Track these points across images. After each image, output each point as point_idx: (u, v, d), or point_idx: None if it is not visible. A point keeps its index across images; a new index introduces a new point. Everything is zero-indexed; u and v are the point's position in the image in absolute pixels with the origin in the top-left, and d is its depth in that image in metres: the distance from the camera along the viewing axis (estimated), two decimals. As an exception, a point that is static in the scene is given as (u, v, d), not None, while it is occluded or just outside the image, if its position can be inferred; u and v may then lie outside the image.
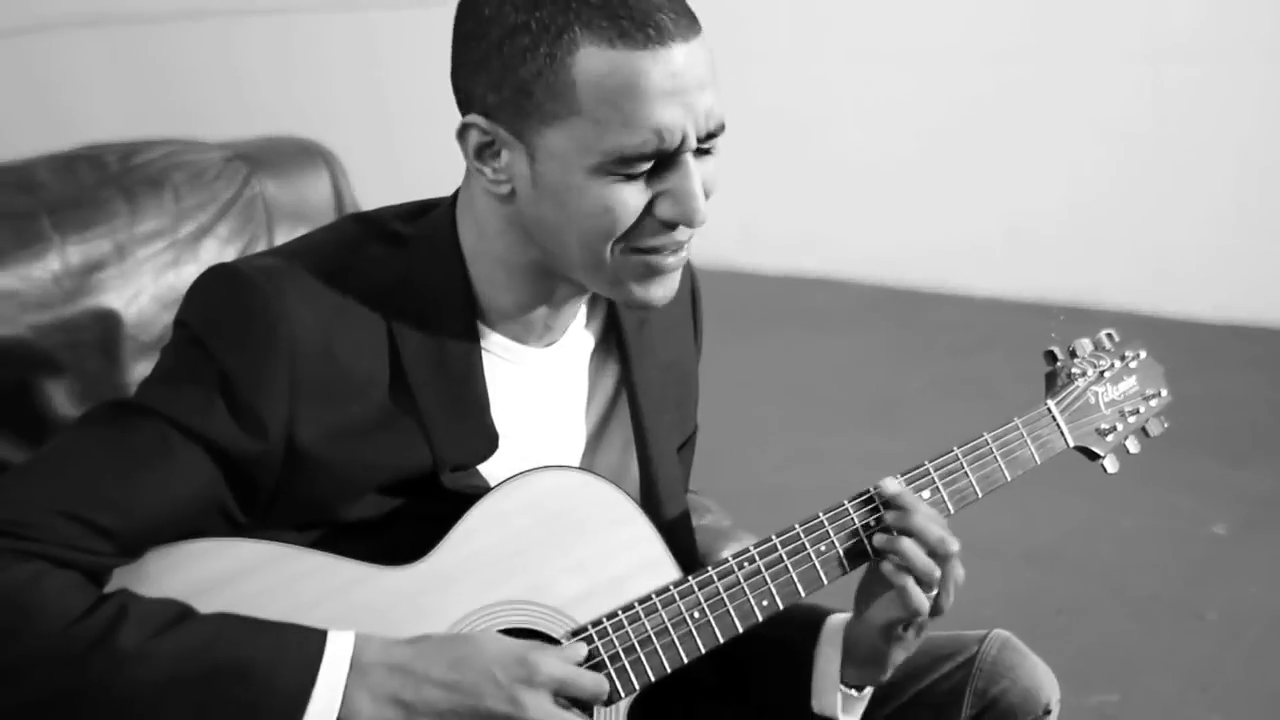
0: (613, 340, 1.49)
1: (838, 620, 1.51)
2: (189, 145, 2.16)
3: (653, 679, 1.33)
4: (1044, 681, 1.57)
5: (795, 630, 1.53)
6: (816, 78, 5.00)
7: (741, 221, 5.22)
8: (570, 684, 1.25)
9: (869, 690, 1.53)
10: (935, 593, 1.41)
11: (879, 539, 1.41)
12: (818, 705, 1.51)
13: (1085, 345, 1.60)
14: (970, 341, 4.40)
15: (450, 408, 1.33)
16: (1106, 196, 4.63)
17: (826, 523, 1.42)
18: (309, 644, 1.19)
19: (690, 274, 1.61)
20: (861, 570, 1.46)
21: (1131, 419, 1.60)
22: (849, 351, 4.48)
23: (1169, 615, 2.92)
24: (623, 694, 1.31)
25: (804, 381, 4.21)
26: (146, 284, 1.95)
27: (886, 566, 1.40)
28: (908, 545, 1.39)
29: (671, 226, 1.28)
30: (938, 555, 1.39)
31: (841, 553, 1.41)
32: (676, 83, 1.23)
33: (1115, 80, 4.52)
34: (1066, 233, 4.71)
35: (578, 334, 1.46)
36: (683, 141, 1.25)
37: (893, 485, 1.42)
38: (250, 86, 6.14)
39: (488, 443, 1.36)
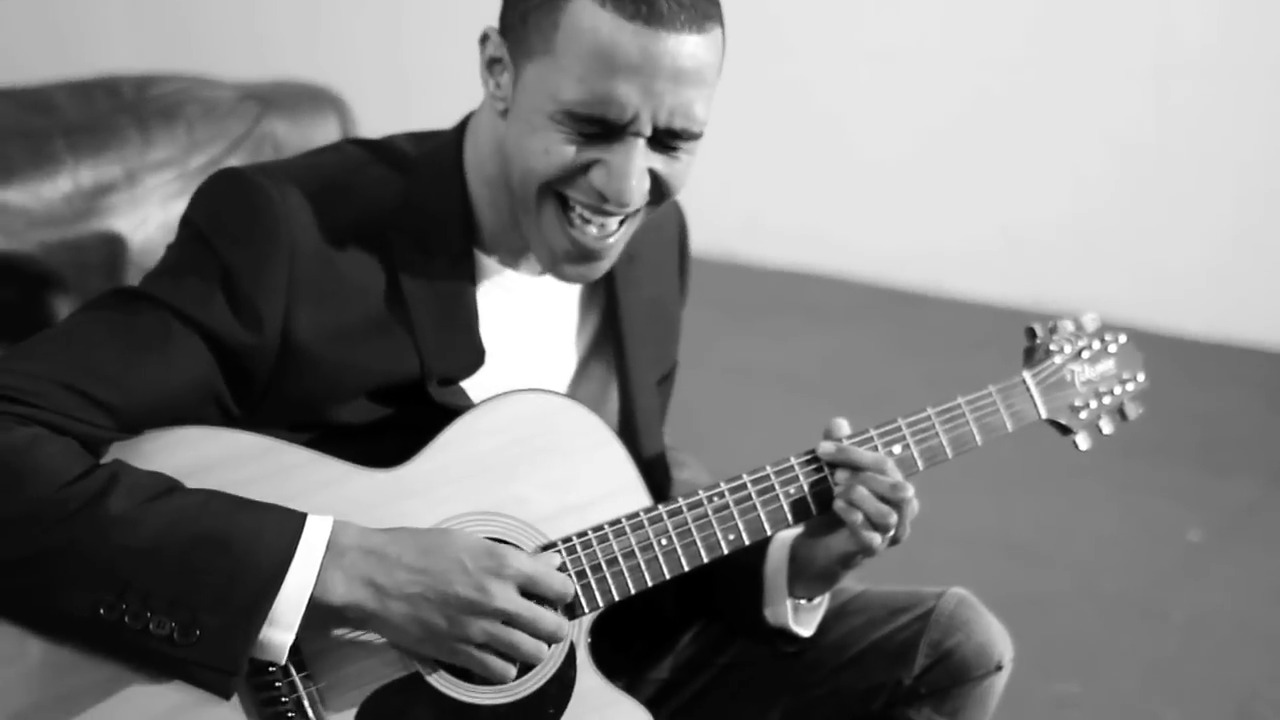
0: (598, 286, 1.54)
1: (784, 536, 1.57)
2: (205, 82, 2.21)
3: (616, 598, 1.37)
4: (997, 639, 1.62)
5: (745, 554, 1.58)
6: (830, 75, 5.05)
7: (747, 213, 5.26)
8: (538, 581, 1.29)
9: (822, 600, 1.58)
10: (891, 533, 1.47)
11: (837, 489, 1.46)
12: (772, 617, 1.57)
13: (1067, 325, 1.66)
14: (964, 343, 4.44)
15: (440, 322, 1.39)
16: (1106, 208, 4.67)
17: (797, 467, 1.47)
18: (289, 523, 1.23)
19: (680, 219, 1.67)
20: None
21: (1106, 400, 1.65)
22: (845, 347, 4.52)
23: (1135, 614, 2.97)
24: (586, 609, 1.36)
25: (799, 373, 4.26)
26: (154, 211, 2.01)
27: (839, 505, 1.46)
28: (861, 493, 1.44)
29: (601, 199, 1.33)
30: (891, 501, 1.44)
31: (809, 495, 1.46)
32: (648, 65, 1.28)
33: (1122, 92, 4.56)
34: (1064, 241, 4.75)
35: None
36: (633, 121, 1.30)
37: (828, 447, 1.47)
38: (270, 38, 6.19)
39: (474, 358, 1.41)
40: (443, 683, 1.33)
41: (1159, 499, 3.46)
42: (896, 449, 1.51)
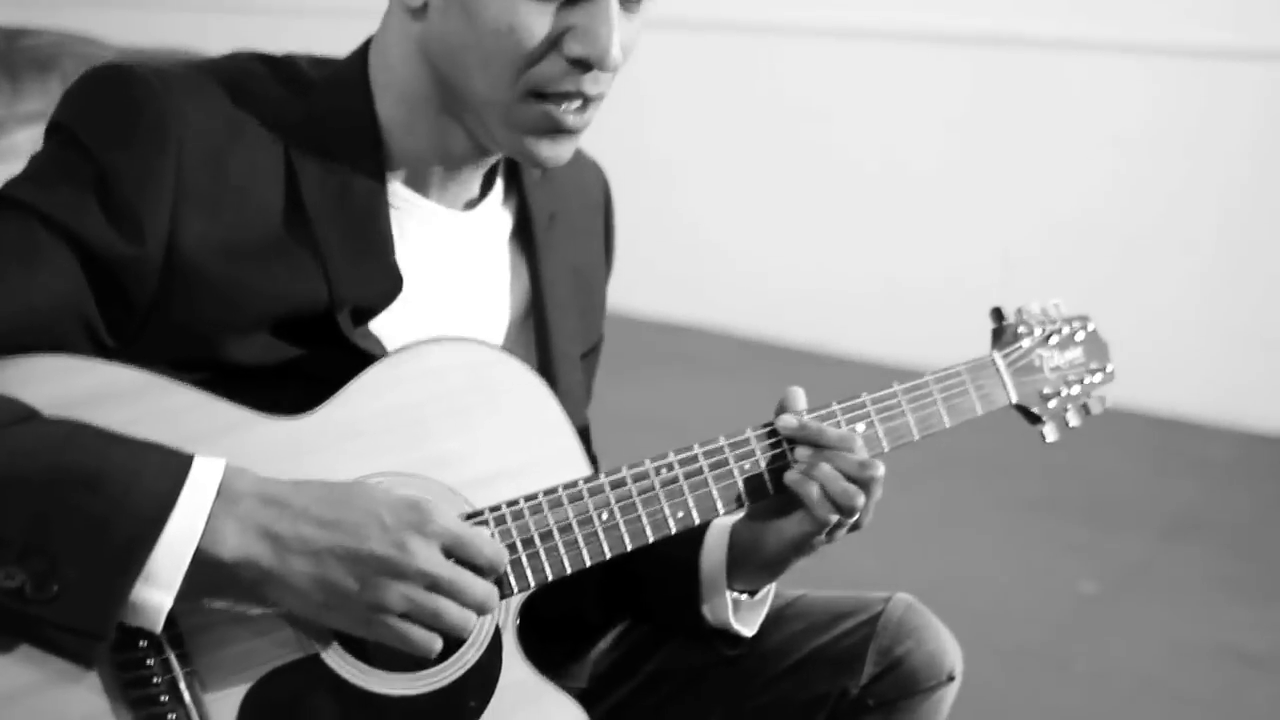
0: (525, 240, 1.39)
1: (720, 525, 1.42)
2: (82, 39, 2.03)
3: (549, 577, 1.20)
4: (949, 647, 1.49)
5: (677, 545, 1.42)
6: (714, 133, 5.00)
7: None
8: (466, 543, 1.10)
9: (765, 595, 1.42)
10: (854, 517, 1.32)
11: (799, 467, 1.32)
12: (710, 614, 1.41)
13: (1033, 308, 1.55)
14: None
15: (350, 243, 1.21)
16: (990, 270, 4.68)
17: (754, 440, 1.32)
18: (172, 463, 1.03)
19: (604, 185, 1.53)
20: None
21: (1075, 388, 1.55)
22: (723, 398, 4.42)
23: (1038, 666, 2.88)
24: (515, 588, 1.18)
25: (678, 422, 4.14)
26: (22, 165, 1.82)
27: (794, 478, 1.31)
28: (825, 471, 1.30)
29: (581, 68, 1.18)
30: (859, 480, 1.30)
31: (766, 472, 1.31)
32: None
33: (1048, 162, 4.59)
34: (949, 299, 4.75)
35: (494, 210, 1.36)
36: None
37: (789, 421, 1.33)
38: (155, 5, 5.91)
39: (391, 284, 1.23)
40: (346, 667, 1.12)
41: (1049, 552, 3.42)
42: (860, 426, 1.37)
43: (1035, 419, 1.53)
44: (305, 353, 1.20)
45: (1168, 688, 2.82)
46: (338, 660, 1.12)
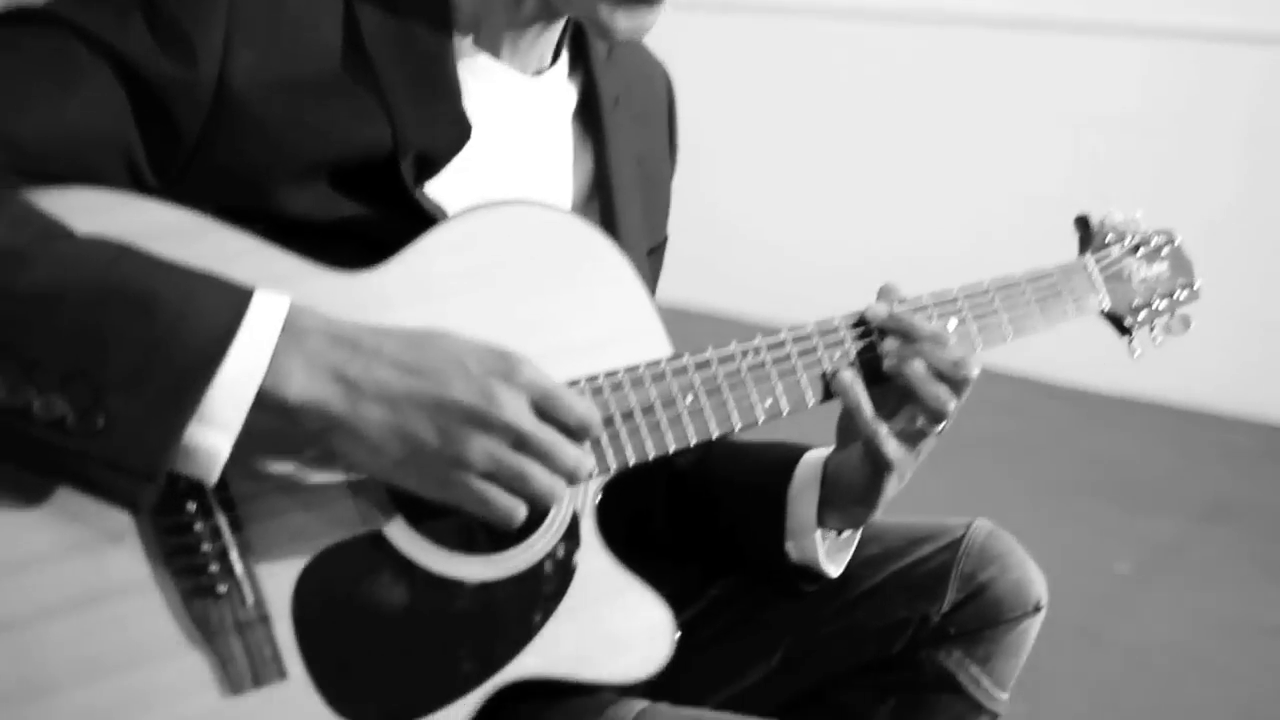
0: (592, 120, 1.28)
1: (814, 457, 1.31)
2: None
3: (631, 461, 1.09)
4: (1034, 576, 1.39)
5: (765, 475, 1.32)
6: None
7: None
8: (557, 400, 0.99)
9: (853, 535, 1.32)
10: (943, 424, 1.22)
11: (889, 360, 1.21)
12: (795, 552, 1.30)
13: (1116, 217, 1.45)
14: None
15: (415, 86, 1.10)
16: (1010, 262, 4.59)
17: (843, 329, 1.21)
18: (231, 295, 0.92)
19: (667, 79, 1.43)
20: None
21: (1162, 303, 1.45)
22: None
23: (1077, 642, 2.79)
24: (595, 470, 1.07)
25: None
26: None
27: (893, 371, 1.20)
28: (916, 370, 1.19)
29: None
30: (952, 380, 1.20)
31: (858, 364, 1.21)
32: None
33: (1034, 144, 4.52)
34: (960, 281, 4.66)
35: (559, 82, 1.26)
36: None
37: (879, 310, 1.23)
38: None
39: (458, 131, 1.12)
40: (411, 546, 1.02)
41: (1081, 533, 3.32)
42: (953, 322, 1.27)
43: (1124, 330, 1.43)
44: (361, 211, 1.09)
45: (1206, 662, 2.75)
46: (403, 538, 1.01)
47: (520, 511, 0.98)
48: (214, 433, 0.89)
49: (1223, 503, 3.61)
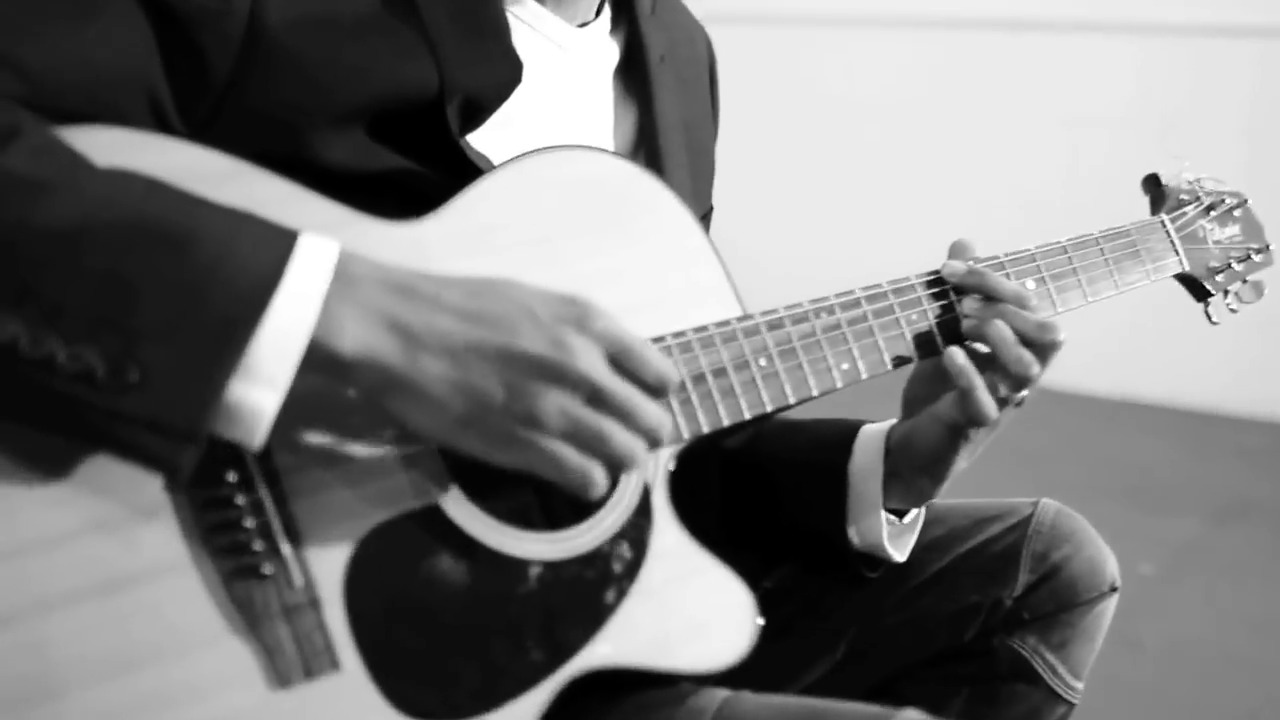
0: (635, 78, 1.20)
1: (874, 430, 1.22)
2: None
3: (705, 428, 1.00)
4: (1107, 554, 1.32)
5: (823, 451, 1.23)
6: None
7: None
8: (634, 352, 0.89)
9: (917, 515, 1.23)
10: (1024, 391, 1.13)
11: (968, 322, 1.12)
12: (858, 536, 1.20)
13: (1186, 176, 1.37)
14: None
15: (462, 23, 1.01)
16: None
17: (918, 287, 1.13)
18: (277, 236, 0.82)
19: (708, 40, 1.35)
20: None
21: (1239, 266, 1.36)
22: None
23: (1109, 645, 2.70)
24: (671, 427, 0.97)
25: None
26: None
27: (951, 363, 1.11)
28: (998, 330, 1.11)
29: None
30: (1037, 344, 1.11)
31: (935, 325, 1.12)
32: None
33: (1032, 145, 4.46)
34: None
35: (602, 36, 1.18)
36: None
37: (957, 266, 1.14)
38: None
39: (509, 71, 1.03)
40: (472, 521, 0.92)
41: (1102, 537, 3.24)
42: (1030, 283, 1.18)
43: (1202, 294, 1.35)
44: (402, 161, 1.00)
45: (1241, 659, 2.68)
46: (462, 513, 0.92)
47: (597, 476, 0.87)
48: (259, 389, 0.79)
49: (1241, 502, 3.54)
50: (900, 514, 1.22)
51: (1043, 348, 1.12)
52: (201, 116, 0.93)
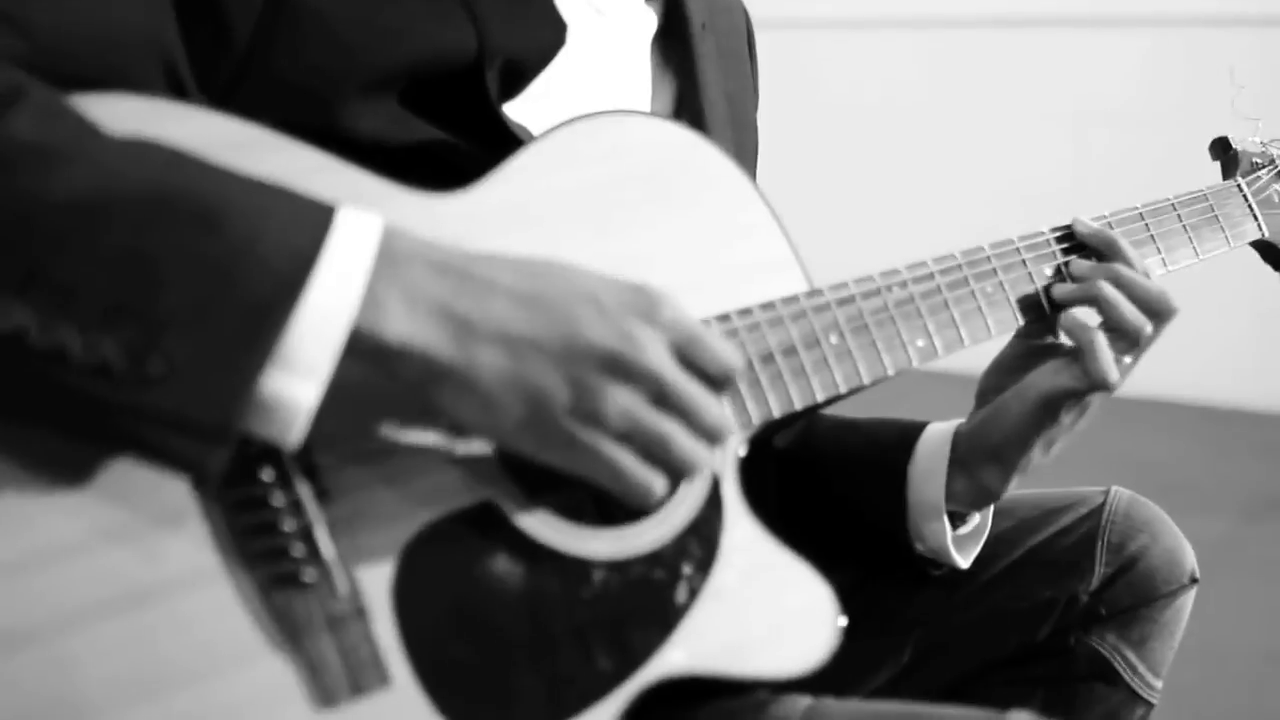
0: (675, 47, 1.12)
1: (939, 429, 1.14)
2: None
3: (775, 412, 0.92)
4: (1185, 544, 1.24)
5: (883, 450, 1.16)
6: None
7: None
8: (702, 344, 0.81)
9: (983, 521, 1.15)
10: (1126, 362, 1.05)
11: (1071, 283, 1.05)
12: (919, 541, 1.13)
13: (1256, 140, 1.30)
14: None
15: None
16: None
17: (993, 259, 1.05)
18: (313, 211, 0.74)
19: (747, 16, 1.27)
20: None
21: None
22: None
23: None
24: (735, 424, 0.89)
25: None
26: None
27: (1070, 319, 1.04)
28: (1111, 291, 1.03)
29: None
30: (1155, 311, 1.04)
31: (1015, 297, 1.04)
32: None
33: (1039, 141, 4.40)
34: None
35: (637, 2, 1.10)
36: None
37: (1090, 222, 1.07)
38: None
39: (552, 32, 0.96)
40: (528, 519, 0.83)
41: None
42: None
43: (1280, 262, 1.27)
44: (439, 132, 0.92)
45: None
46: (518, 509, 0.83)
47: (658, 485, 0.80)
48: (297, 381, 0.71)
49: (1268, 498, 3.47)
50: (960, 520, 1.14)
51: (1160, 315, 1.04)
52: (221, 84, 0.86)
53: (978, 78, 4.51)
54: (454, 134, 0.92)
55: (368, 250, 0.73)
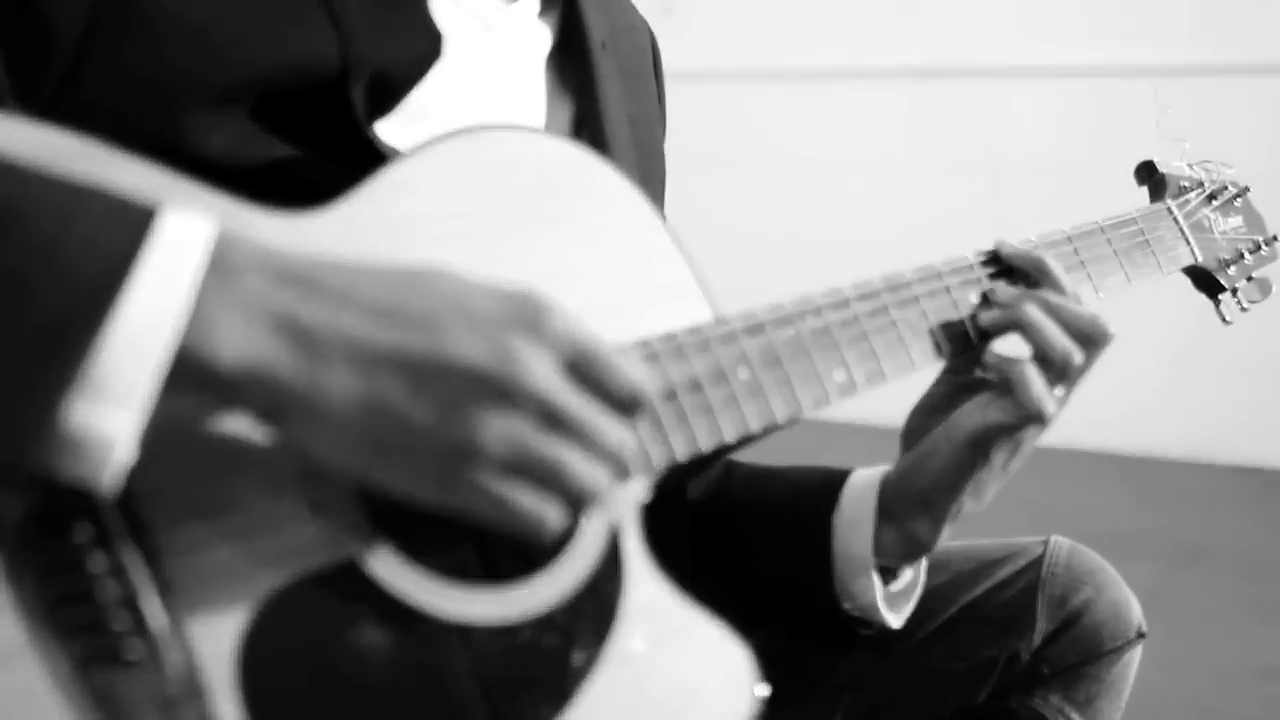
0: (572, 66, 1.04)
1: (865, 476, 1.06)
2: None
3: (679, 455, 0.82)
4: (1130, 595, 1.16)
5: (802, 499, 1.07)
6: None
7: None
8: (598, 360, 0.71)
9: (915, 576, 1.06)
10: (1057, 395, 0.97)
11: (996, 310, 0.97)
12: (847, 599, 1.04)
13: (1182, 163, 1.24)
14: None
15: None
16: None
17: (915, 285, 0.97)
18: (130, 213, 0.63)
19: (650, 30, 1.20)
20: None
21: (1249, 259, 1.23)
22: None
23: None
24: (638, 451, 0.78)
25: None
26: None
27: (993, 355, 0.96)
28: (1038, 315, 0.95)
29: None
30: (1086, 336, 0.96)
31: (939, 326, 0.96)
32: None
33: (959, 190, 4.40)
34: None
35: (531, 17, 1.02)
36: None
37: (1016, 244, 1.00)
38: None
39: (426, 43, 0.87)
40: (400, 579, 0.73)
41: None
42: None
43: (1214, 290, 1.21)
44: (300, 151, 0.82)
45: (1211, 709, 2.58)
46: (386, 569, 0.72)
47: (552, 517, 0.69)
48: (107, 409, 0.60)
49: (1193, 548, 3.44)
50: (890, 575, 1.06)
51: (1092, 341, 0.96)
52: (46, 93, 0.76)
53: (895, 127, 4.52)
54: (317, 154, 0.83)
55: (195, 256, 0.63)
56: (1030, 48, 4.31)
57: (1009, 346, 0.98)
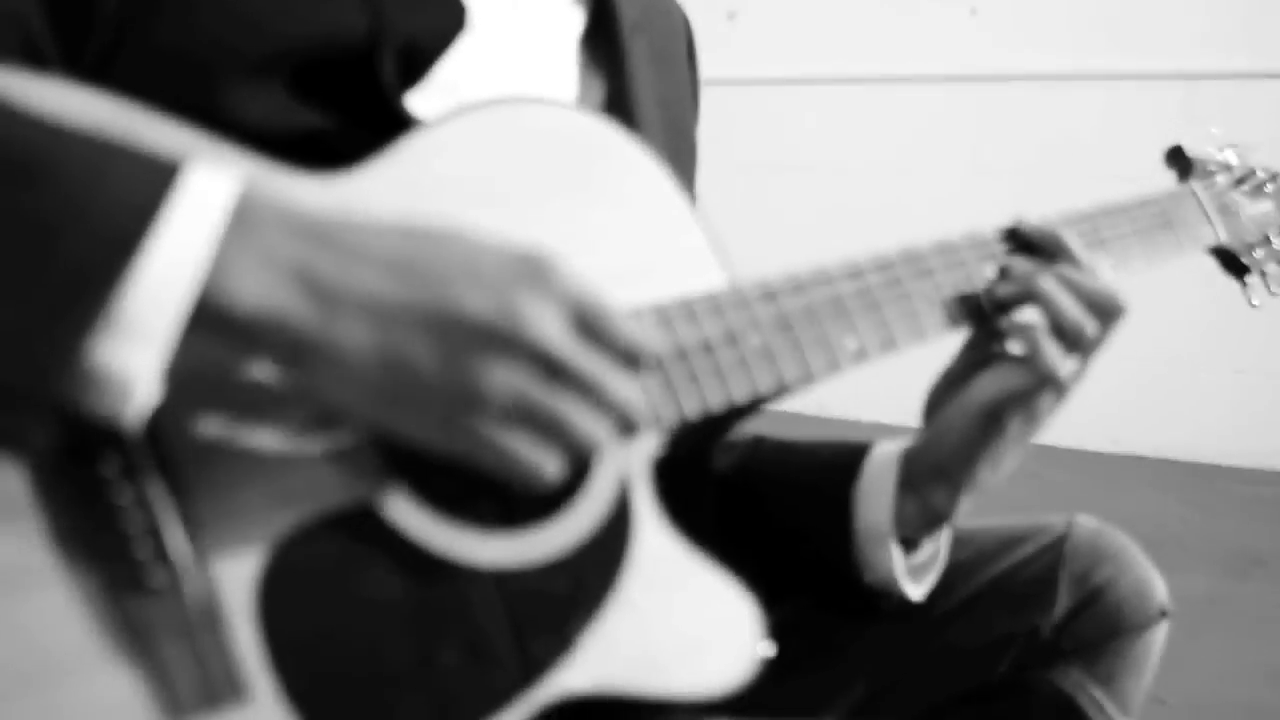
0: (604, 47, 1.07)
1: (887, 449, 1.07)
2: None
3: (686, 412, 0.84)
4: (1154, 575, 1.16)
5: (823, 472, 1.08)
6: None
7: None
8: (602, 316, 0.74)
9: (936, 549, 1.07)
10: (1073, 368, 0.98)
11: (1011, 283, 0.98)
12: (867, 571, 1.05)
13: (1213, 145, 1.24)
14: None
15: None
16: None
17: (931, 258, 0.98)
18: (154, 165, 0.67)
19: (684, 15, 1.22)
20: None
21: (1276, 244, 1.23)
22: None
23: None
24: (645, 407, 0.81)
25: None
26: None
27: (1010, 320, 0.97)
28: (1052, 285, 0.97)
29: None
30: (1100, 308, 0.97)
31: (954, 298, 0.98)
32: None
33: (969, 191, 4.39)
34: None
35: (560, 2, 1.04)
36: None
37: (1035, 221, 1.01)
38: None
39: (451, 16, 0.90)
40: (414, 520, 0.76)
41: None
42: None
43: (1240, 270, 1.21)
44: (333, 121, 0.86)
45: (1267, 711, 2.53)
46: (401, 512, 0.76)
47: (550, 467, 0.72)
48: (130, 347, 0.64)
49: (1252, 554, 3.40)
50: (912, 547, 1.07)
51: (1106, 313, 0.97)
52: (90, 60, 0.79)
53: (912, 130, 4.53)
54: (350, 124, 0.86)
55: (217, 209, 0.66)
56: (1099, 50, 4.30)
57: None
